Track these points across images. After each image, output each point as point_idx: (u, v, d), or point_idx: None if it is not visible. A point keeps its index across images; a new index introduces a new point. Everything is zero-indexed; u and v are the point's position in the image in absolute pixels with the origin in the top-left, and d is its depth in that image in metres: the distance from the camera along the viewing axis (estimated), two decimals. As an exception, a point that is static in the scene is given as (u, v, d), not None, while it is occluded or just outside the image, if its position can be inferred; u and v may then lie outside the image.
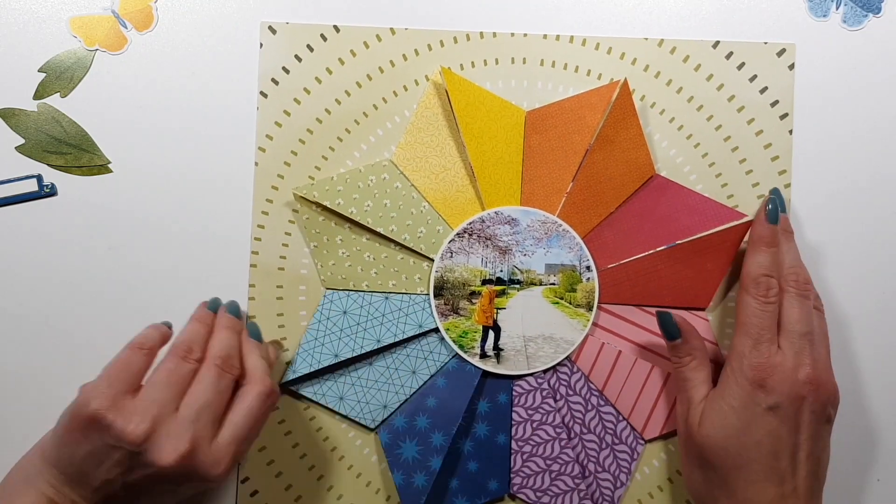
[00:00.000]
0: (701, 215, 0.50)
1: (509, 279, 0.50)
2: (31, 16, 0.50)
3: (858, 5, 0.50)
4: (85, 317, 0.49)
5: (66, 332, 0.49)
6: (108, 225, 0.50)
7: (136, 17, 0.50)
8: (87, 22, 0.50)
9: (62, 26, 0.50)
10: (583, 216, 0.50)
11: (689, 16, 0.51)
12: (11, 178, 0.49)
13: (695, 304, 0.50)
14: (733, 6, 0.51)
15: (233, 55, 0.50)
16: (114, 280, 0.50)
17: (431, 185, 0.50)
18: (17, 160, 0.49)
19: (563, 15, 0.51)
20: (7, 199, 0.49)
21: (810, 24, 0.51)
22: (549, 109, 0.50)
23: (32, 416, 0.49)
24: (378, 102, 0.50)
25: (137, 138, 0.50)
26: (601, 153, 0.49)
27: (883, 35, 0.51)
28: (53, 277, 0.49)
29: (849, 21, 0.51)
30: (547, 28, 0.51)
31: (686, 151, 0.51)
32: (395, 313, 0.50)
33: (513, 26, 0.51)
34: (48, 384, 0.49)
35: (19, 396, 0.49)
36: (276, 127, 0.50)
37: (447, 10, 0.51)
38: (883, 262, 0.51)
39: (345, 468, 0.50)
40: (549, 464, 0.49)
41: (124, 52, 0.50)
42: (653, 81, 0.51)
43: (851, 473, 0.50)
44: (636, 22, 0.51)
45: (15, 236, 0.49)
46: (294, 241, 0.50)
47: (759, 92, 0.50)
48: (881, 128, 0.51)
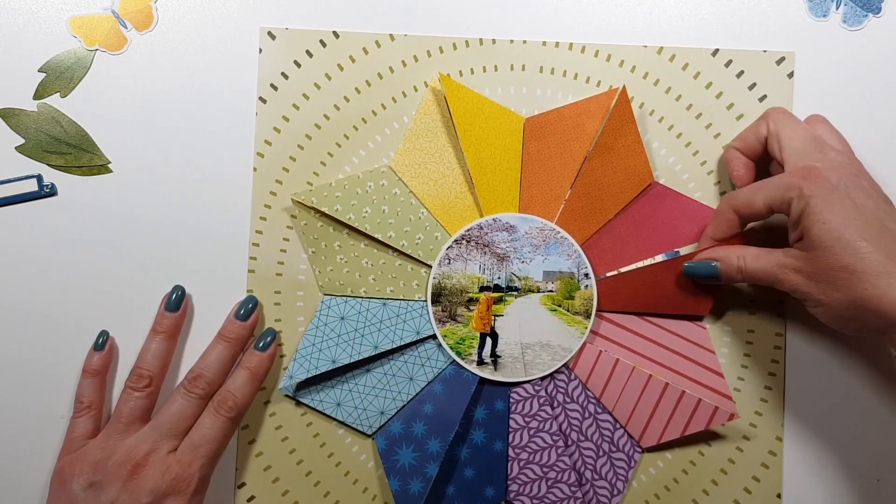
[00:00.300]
0: (699, 223, 0.50)
1: (507, 286, 0.50)
2: (31, 16, 0.50)
3: (858, 5, 0.50)
4: (84, 317, 0.49)
5: (66, 332, 0.49)
6: (108, 225, 0.50)
7: (136, 17, 0.50)
8: (87, 22, 0.50)
9: (62, 26, 0.50)
10: (581, 223, 0.50)
11: (689, 22, 0.51)
12: (11, 178, 0.49)
13: (693, 313, 0.50)
14: (733, 11, 0.51)
15: (232, 59, 0.50)
16: (113, 281, 0.50)
17: (430, 191, 0.50)
18: (17, 160, 0.49)
19: (562, 22, 0.51)
20: (7, 199, 0.49)
21: (810, 25, 0.51)
22: (547, 116, 0.50)
23: (32, 416, 0.49)
24: (377, 108, 0.50)
25: (137, 138, 0.50)
26: (600, 160, 0.49)
27: (883, 35, 0.51)
28: (53, 277, 0.49)
29: (849, 21, 0.51)
30: (546, 35, 0.51)
31: (685, 159, 0.51)
32: (393, 320, 0.50)
33: (512, 33, 0.51)
34: (48, 384, 0.49)
35: (19, 396, 0.49)
36: (275, 132, 0.50)
37: (446, 16, 0.51)
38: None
39: (342, 474, 0.50)
40: (545, 471, 0.49)
41: (124, 52, 0.50)
42: (652, 89, 0.51)
43: (851, 473, 0.50)
44: (635, 29, 0.51)
45: (15, 236, 0.49)
46: (292, 246, 0.50)
47: (759, 100, 0.50)
48: (881, 128, 0.51)
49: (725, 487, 0.50)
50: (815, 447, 0.50)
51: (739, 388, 0.50)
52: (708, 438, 0.50)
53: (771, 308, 0.50)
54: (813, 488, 0.50)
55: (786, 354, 0.50)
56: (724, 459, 0.50)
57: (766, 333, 0.50)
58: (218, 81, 0.50)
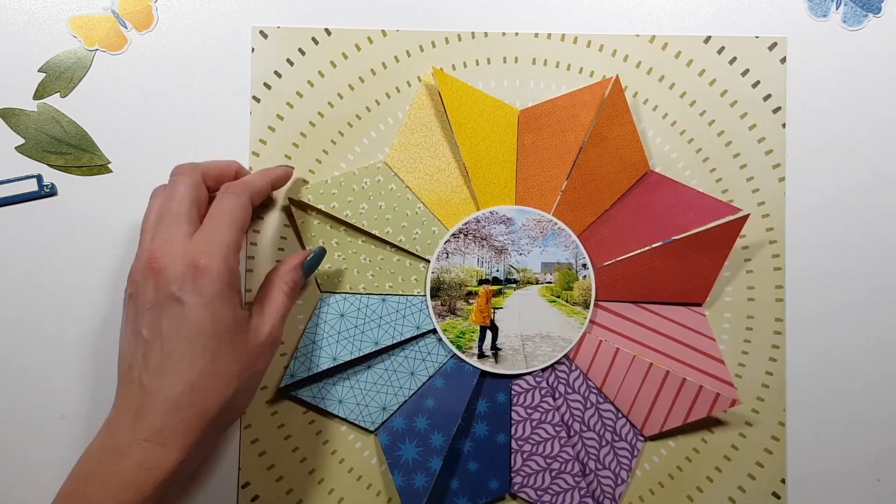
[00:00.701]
0: (696, 211, 0.50)
1: (506, 279, 0.50)
2: (31, 16, 0.50)
3: (858, 5, 0.50)
4: (84, 317, 0.49)
5: (66, 332, 0.49)
6: (109, 225, 0.50)
7: (136, 17, 0.50)
8: (87, 22, 0.50)
9: (62, 26, 0.50)
10: (578, 214, 0.50)
11: (681, 11, 0.51)
12: (11, 178, 0.49)
13: (692, 300, 0.50)
14: (729, 4, 0.51)
15: (229, 59, 0.50)
16: (112, 281, 0.50)
17: (426, 186, 0.50)
18: (17, 160, 0.49)
19: (554, 13, 0.51)
20: (7, 199, 0.49)
21: (810, 24, 0.51)
22: (542, 108, 0.50)
23: (32, 417, 0.49)
24: (371, 105, 0.50)
25: (137, 138, 0.50)
26: (595, 150, 0.49)
27: (883, 35, 0.51)
28: (53, 277, 0.49)
29: (849, 21, 0.51)
30: (538, 26, 0.51)
31: (680, 147, 0.51)
32: (393, 315, 0.50)
33: (504, 25, 0.51)
34: (47, 384, 0.49)
35: (19, 396, 0.49)
36: (270, 131, 0.50)
37: (438, 11, 0.51)
38: (879, 256, 0.50)
39: (345, 471, 0.50)
40: (549, 462, 0.49)
41: (124, 52, 0.50)
42: (645, 78, 0.51)
43: (851, 473, 0.50)
44: (627, 19, 0.51)
45: (15, 236, 0.49)
46: (290, 245, 0.50)
47: (752, 86, 0.50)
48: (881, 127, 0.51)
49: (729, 474, 0.50)
50: (818, 431, 0.50)
51: (741, 375, 0.50)
52: (710, 425, 0.50)
53: (770, 294, 0.50)
54: (817, 472, 0.50)
55: (786, 340, 0.50)
56: (728, 446, 0.50)
57: (766, 319, 0.50)
58: (216, 79, 0.50)
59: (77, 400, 0.49)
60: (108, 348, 0.49)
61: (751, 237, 0.50)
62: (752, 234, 0.50)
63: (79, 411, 0.49)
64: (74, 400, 0.49)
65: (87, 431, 0.49)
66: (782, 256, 0.50)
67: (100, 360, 0.49)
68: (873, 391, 0.50)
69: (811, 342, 0.50)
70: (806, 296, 0.50)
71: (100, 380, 0.49)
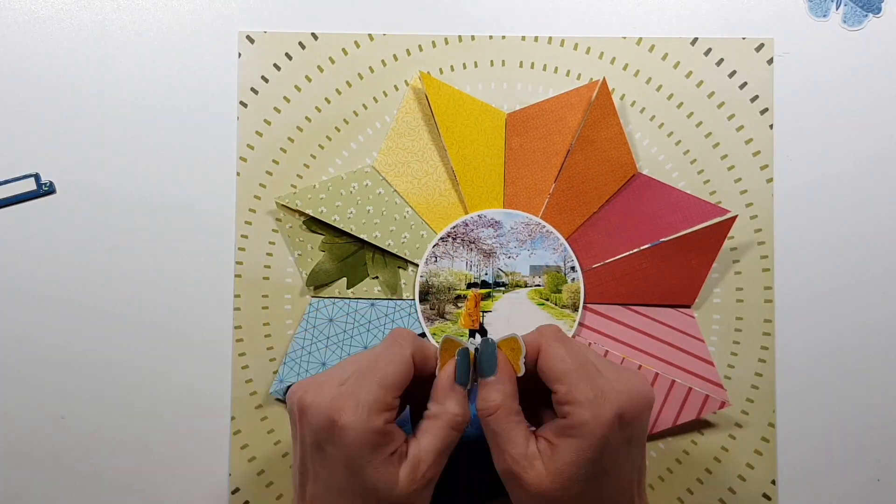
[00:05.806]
0: (684, 212, 0.50)
1: (494, 282, 0.50)
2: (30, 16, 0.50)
3: (858, 5, 0.50)
4: (84, 316, 0.49)
5: (65, 332, 0.49)
6: (108, 225, 0.50)
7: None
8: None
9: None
10: (566, 217, 0.50)
11: (668, 13, 0.51)
12: (10, 178, 0.49)
13: (680, 302, 0.50)
14: (718, 5, 0.51)
15: (215, 64, 0.50)
16: (112, 280, 0.49)
17: (414, 190, 0.50)
18: (14, 161, 0.49)
19: (540, 16, 0.51)
20: (7, 199, 0.49)
21: (810, 24, 0.51)
22: (529, 111, 0.50)
23: (32, 416, 0.49)
24: (358, 109, 0.50)
25: (124, 142, 0.50)
26: (582, 153, 0.49)
27: (883, 35, 0.51)
28: (52, 277, 0.49)
29: (849, 21, 0.51)
30: (525, 30, 0.51)
31: (667, 149, 0.51)
32: (382, 319, 0.50)
33: (491, 29, 0.51)
34: (46, 384, 0.49)
35: (18, 396, 0.49)
36: (257, 136, 0.50)
37: (425, 14, 0.51)
38: (867, 255, 0.51)
39: (335, 476, 0.50)
40: (539, 465, 0.49)
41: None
42: (632, 80, 0.51)
43: (851, 473, 0.50)
44: (614, 21, 0.51)
45: (15, 236, 0.49)
46: (278, 250, 0.50)
47: (739, 87, 0.50)
48: (882, 128, 0.51)
49: (720, 476, 0.50)
50: (807, 433, 0.50)
51: (730, 376, 0.50)
52: (700, 427, 0.50)
53: (759, 294, 0.50)
54: (807, 474, 0.50)
55: (775, 341, 0.50)
56: (718, 448, 0.50)
57: (755, 320, 0.50)
58: (202, 86, 0.50)
59: (77, 400, 0.49)
60: (108, 348, 0.49)
61: (739, 238, 0.50)
62: (741, 235, 0.50)
63: (79, 411, 0.49)
64: (74, 400, 0.49)
65: (87, 431, 0.49)
66: (771, 257, 0.50)
67: (97, 360, 0.49)
68: (862, 392, 0.50)
69: (800, 343, 0.50)
70: (795, 296, 0.50)
71: (100, 380, 0.49)
